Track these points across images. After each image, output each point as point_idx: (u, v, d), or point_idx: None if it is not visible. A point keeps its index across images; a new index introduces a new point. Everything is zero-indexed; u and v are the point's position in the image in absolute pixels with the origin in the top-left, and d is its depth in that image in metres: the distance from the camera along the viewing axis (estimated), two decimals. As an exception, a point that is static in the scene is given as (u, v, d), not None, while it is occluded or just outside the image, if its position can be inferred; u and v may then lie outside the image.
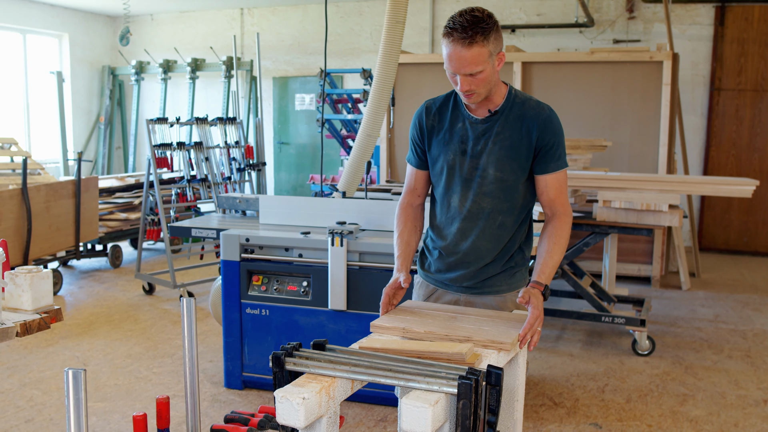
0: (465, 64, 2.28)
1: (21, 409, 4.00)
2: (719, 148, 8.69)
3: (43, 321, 2.27)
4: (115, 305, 6.16)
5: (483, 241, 2.51)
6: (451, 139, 2.50)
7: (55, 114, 10.28)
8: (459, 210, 2.52)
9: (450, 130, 2.51)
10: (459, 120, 2.50)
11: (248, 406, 4.09)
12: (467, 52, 2.26)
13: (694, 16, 8.59)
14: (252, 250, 4.11)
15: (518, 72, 7.19)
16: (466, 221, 2.51)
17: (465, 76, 2.32)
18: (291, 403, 1.70)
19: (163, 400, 2.14)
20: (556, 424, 3.88)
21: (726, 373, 4.67)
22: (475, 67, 2.28)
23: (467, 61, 2.28)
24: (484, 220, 2.50)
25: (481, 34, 2.25)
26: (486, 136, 2.45)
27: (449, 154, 2.50)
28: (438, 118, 2.54)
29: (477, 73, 2.30)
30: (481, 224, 2.50)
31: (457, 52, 2.27)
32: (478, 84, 2.33)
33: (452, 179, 2.51)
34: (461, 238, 2.53)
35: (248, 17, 10.78)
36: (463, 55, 2.27)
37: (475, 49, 2.26)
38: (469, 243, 2.52)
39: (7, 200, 6.05)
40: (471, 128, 2.47)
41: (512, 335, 2.09)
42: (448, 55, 2.31)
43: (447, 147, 2.50)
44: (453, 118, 2.51)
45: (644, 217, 4.93)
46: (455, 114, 2.52)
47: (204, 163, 6.71)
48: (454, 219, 2.54)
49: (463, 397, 1.70)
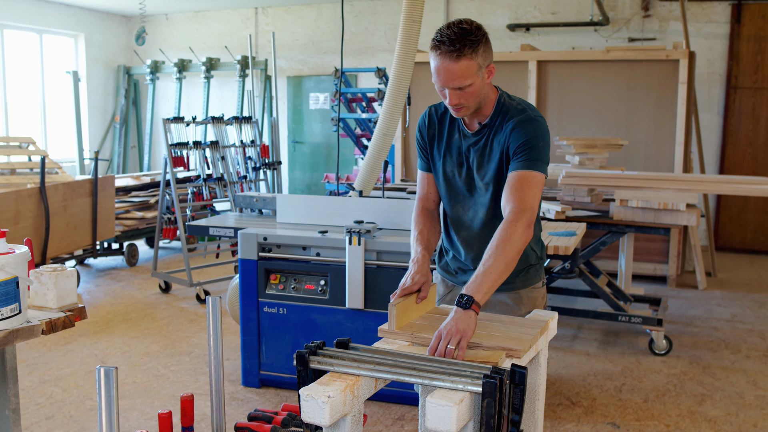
0: (453, 78, 2.23)
1: (41, 406, 4.04)
2: (735, 147, 8.64)
3: (67, 319, 2.30)
4: (132, 303, 6.20)
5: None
6: (449, 151, 2.48)
7: (71, 113, 10.38)
8: (462, 219, 2.52)
9: (448, 141, 2.49)
10: (455, 132, 2.48)
11: (266, 404, 4.11)
12: (455, 65, 2.21)
13: (710, 14, 8.54)
14: (269, 249, 4.13)
15: (533, 71, 7.17)
16: (470, 230, 2.52)
17: (453, 89, 2.26)
18: (316, 401, 1.71)
19: (187, 397, 2.16)
20: (574, 423, 3.87)
21: (744, 373, 4.64)
22: (463, 81, 2.23)
23: (455, 74, 2.22)
24: (487, 229, 2.46)
25: (469, 47, 2.20)
26: (478, 149, 2.43)
27: (448, 166, 2.49)
28: (439, 127, 2.51)
29: (466, 86, 2.25)
30: (483, 233, 2.47)
31: (445, 65, 2.22)
32: (467, 98, 2.28)
33: (453, 190, 2.51)
34: (468, 246, 2.54)
35: (262, 16, 10.82)
36: (451, 68, 2.21)
37: (464, 62, 2.20)
38: (476, 250, 2.51)
39: (26, 199, 6.10)
40: (465, 141, 2.45)
41: (523, 341, 2.04)
42: (436, 69, 2.25)
43: (445, 159, 2.49)
44: (450, 129, 2.49)
45: (661, 216, 4.91)
46: (452, 125, 2.49)
47: (220, 162, 6.74)
48: (460, 227, 2.54)
49: (487, 396, 1.70)
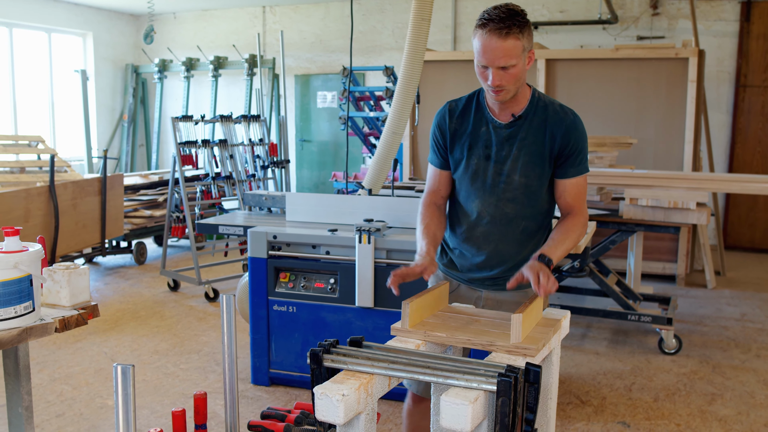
0: (500, 56, 2.23)
1: (51, 403, 4.05)
2: (744, 146, 8.60)
3: (80, 317, 2.30)
4: (140, 301, 6.22)
5: (506, 245, 2.49)
6: (475, 143, 2.44)
7: (79, 112, 10.40)
8: (482, 215, 2.48)
9: (474, 133, 2.45)
10: (482, 124, 2.45)
11: (276, 402, 4.11)
12: (503, 43, 2.21)
13: (720, 12, 8.50)
14: (279, 247, 4.13)
15: (542, 69, 7.15)
16: (490, 226, 2.48)
17: (497, 69, 2.25)
18: (330, 399, 1.71)
19: (200, 395, 2.16)
20: (584, 422, 3.86)
21: (754, 372, 4.62)
22: (509, 60, 2.23)
23: (502, 52, 2.22)
24: (508, 226, 2.46)
25: (517, 26, 2.23)
26: (510, 141, 2.41)
27: (473, 159, 2.45)
28: (461, 120, 2.48)
29: (510, 66, 2.25)
30: (504, 229, 2.47)
31: (492, 42, 2.22)
32: (509, 79, 2.28)
33: (476, 184, 2.47)
34: (484, 242, 2.51)
35: (270, 15, 10.82)
36: (499, 46, 2.22)
37: (511, 41, 2.22)
38: (492, 247, 2.50)
39: (35, 197, 6.12)
40: (495, 133, 2.42)
41: (537, 340, 2.03)
42: (483, 47, 2.24)
43: (471, 152, 2.45)
44: (476, 121, 2.46)
45: (671, 215, 4.89)
46: (478, 117, 2.46)
47: (228, 161, 6.75)
48: (478, 223, 2.50)
49: (502, 395, 1.70)
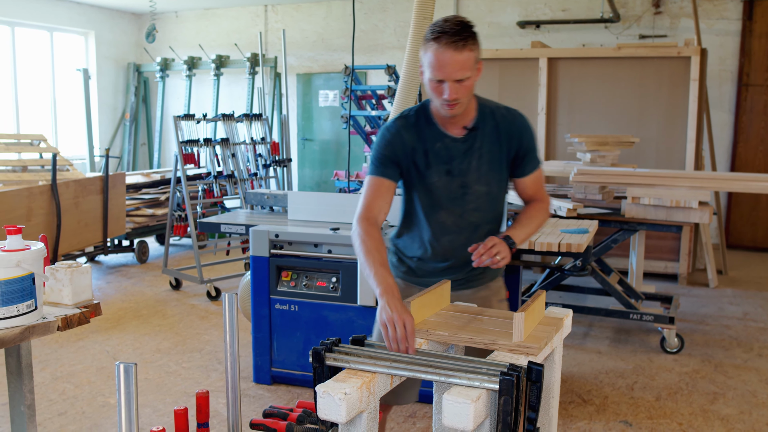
0: (457, 69, 2.18)
1: (53, 402, 4.06)
2: (747, 145, 8.59)
3: (83, 315, 2.30)
4: (142, 300, 6.22)
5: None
6: (434, 159, 2.39)
7: (81, 111, 10.41)
8: (447, 227, 2.48)
9: (431, 150, 2.40)
10: (437, 139, 2.39)
11: (278, 401, 4.12)
12: (459, 56, 2.17)
13: (722, 10, 8.49)
14: (281, 246, 4.13)
15: (544, 68, 7.15)
16: (455, 235, 2.49)
17: (453, 83, 2.20)
18: (333, 398, 1.71)
19: (202, 394, 2.16)
20: (586, 421, 3.86)
21: (756, 371, 4.62)
22: (465, 72, 2.20)
23: (459, 65, 2.18)
24: (473, 233, 2.48)
25: (471, 38, 2.20)
26: (468, 154, 2.39)
27: (433, 176, 2.40)
28: (417, 135, 2.40)
29: (465, 79, 2.21)
30: (470, 236, 2.47)
31: (449, 56, 2.17)
32: (464, 92, 2.24)
33: (439, 199, 2.44)
34: (450, 251, 2.51)
35: (272, 14, 10.82)
36: (456, 59, 2.17)
37: (466, 53, 2.18)
38: (459, 254, 2.50)
39: (38, 196, 6.12)
40: (452, 147, 2.39)
41: (539, 338, 2.03)
42: (438, 61, 2.18)
43: (429, 169, 2.40)
44: (431, 137, 2.39)
45: (673, 214, 4.88)
46: (432, 132, 2.40)
47: (230, 159, 6.75)
48: (443, 235, 2.49)
49: (504, 393, 1.70)
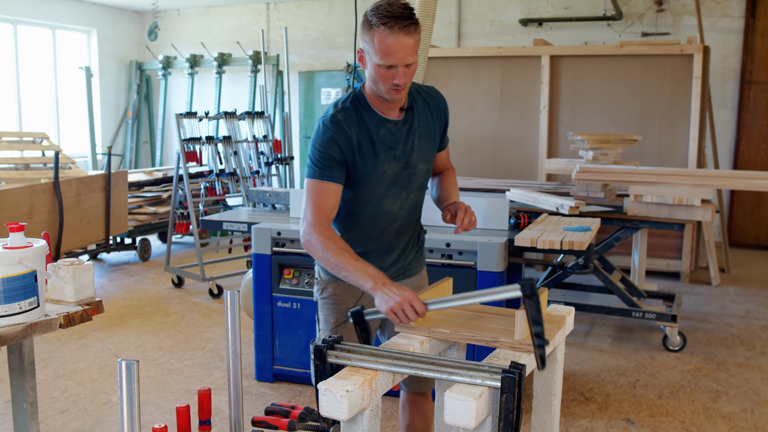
0: (408, 53, 2.14)
1: (56, 399, 4.06)
2: (749, 143, 8.57)
3: (85, 313, 2.30)
4: (145, 298, 6.23)
5: (410, 230, 2.54)
6: (381, 147, 2.32)
7: (83, 109, 10.41)
8: (394, 212, 2.44)
9: (377, 138, 2.32)
10: (380, 125, 2.33)
11: (280, 398, 4.12)
12: (410, 39, 2.13)
13: (725, 8, 8.47)
14: (283, 244, 4.13)
15: (546, 66, 7.14)
16: (403, 219, 2.47)
17: (404, 67, 2.16)
18: (335, 395, 1.71)
19: (204, 391, 2.16)
20: (588, 419, 3.86)
21: (759, 369, 4.61)
22: (414, 56, 2.16)
23: (410, 49, 2.14)
24: (414, 212, 2.52)
25: (416, 22, 2.15)
26: (410, 134, 2.37)
27: (383, 164, 2.34)
28: (359, 127, 2.31)
29: (413, 63, 2.17)
30: (410, 217, 2.50)
31: (401, 41, 2.10)
32: (411, 76, 2.21)
33: (387, 186, 2.39)
34: (397, 235, 2.49)
35: (274, 12, 10.82)
36: (407, 43, 2.12)
37: (415, 36, 2.14)
38: (403, 239, 2.52)
39: (40, 194, 6.13)
40: (395, 131, 2.35)
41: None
42: (390, 46, 2.11)
43: (378, 158, 2.33)
44: (373, 125, 2.32)
45: (676, 212, 4.87)
46: (373, 120, 2.32)
47: (232, 157, 6.75)
48: (392, 222, 2.45)
49: (506, 391, 1.69)
